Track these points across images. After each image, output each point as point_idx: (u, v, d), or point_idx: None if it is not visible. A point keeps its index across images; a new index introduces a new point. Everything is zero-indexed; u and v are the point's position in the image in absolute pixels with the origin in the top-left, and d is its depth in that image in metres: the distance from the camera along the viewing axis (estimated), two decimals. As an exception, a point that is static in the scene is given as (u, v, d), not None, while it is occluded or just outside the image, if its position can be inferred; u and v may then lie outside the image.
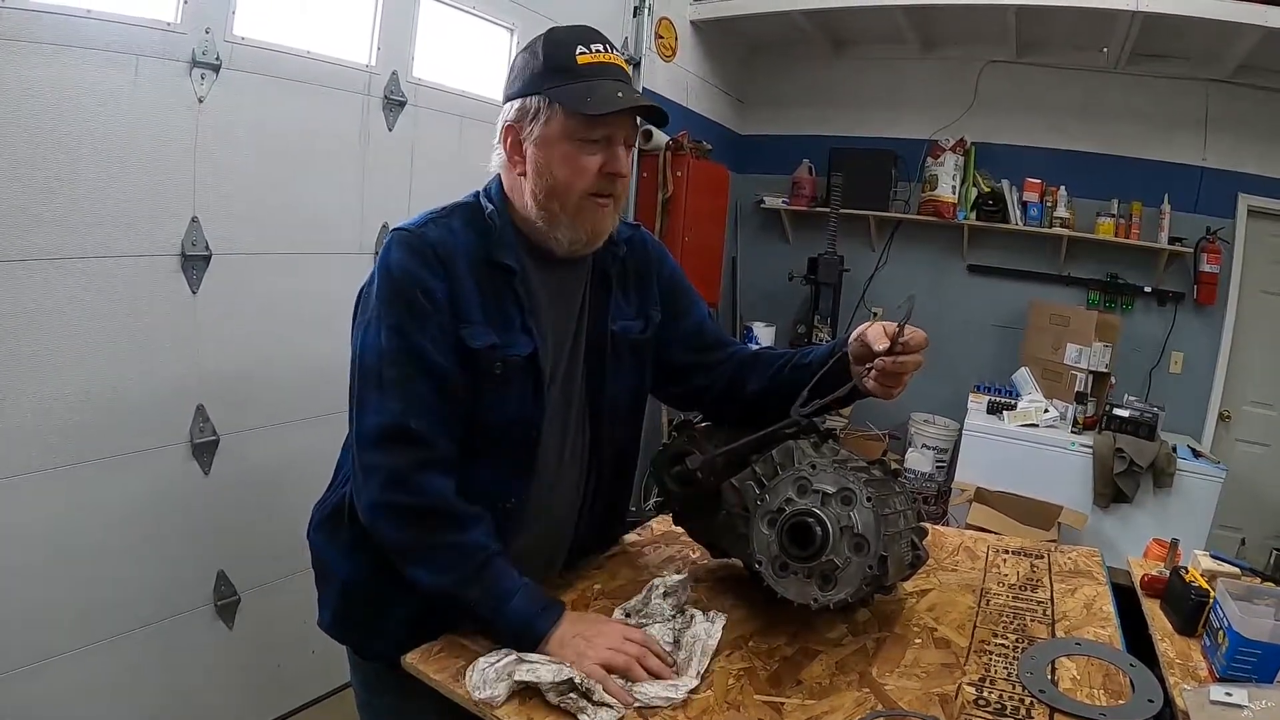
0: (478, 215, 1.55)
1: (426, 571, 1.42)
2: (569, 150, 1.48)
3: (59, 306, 2.24)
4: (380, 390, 1.42)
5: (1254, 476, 5.38)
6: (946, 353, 5.91)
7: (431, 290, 1.44)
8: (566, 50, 1.48)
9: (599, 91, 1.45)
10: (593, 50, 1.49)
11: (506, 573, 1.42)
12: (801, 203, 6.28)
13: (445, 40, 3.45)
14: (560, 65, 1.48)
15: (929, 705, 1.28)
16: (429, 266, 1.45)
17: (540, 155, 1.50)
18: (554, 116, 1.47)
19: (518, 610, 1.39)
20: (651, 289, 1.77)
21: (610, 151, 1.50)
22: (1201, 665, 1.69)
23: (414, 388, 1.42)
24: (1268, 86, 5.15)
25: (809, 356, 1.70)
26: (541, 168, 1.50)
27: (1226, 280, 5.35)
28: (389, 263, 1.46)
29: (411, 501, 1.40)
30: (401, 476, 1.40)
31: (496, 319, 1.50)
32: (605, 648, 1.33)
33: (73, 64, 2.18)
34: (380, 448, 1.42)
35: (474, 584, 1.40)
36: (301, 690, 3.12)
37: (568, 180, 1.49)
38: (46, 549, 2.28)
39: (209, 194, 2.56)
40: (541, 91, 1.48)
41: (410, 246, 1.46)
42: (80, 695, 2.39)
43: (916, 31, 5.71)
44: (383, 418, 1.41)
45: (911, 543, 1.55)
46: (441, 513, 1.41)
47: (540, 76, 1.48)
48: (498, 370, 1.49)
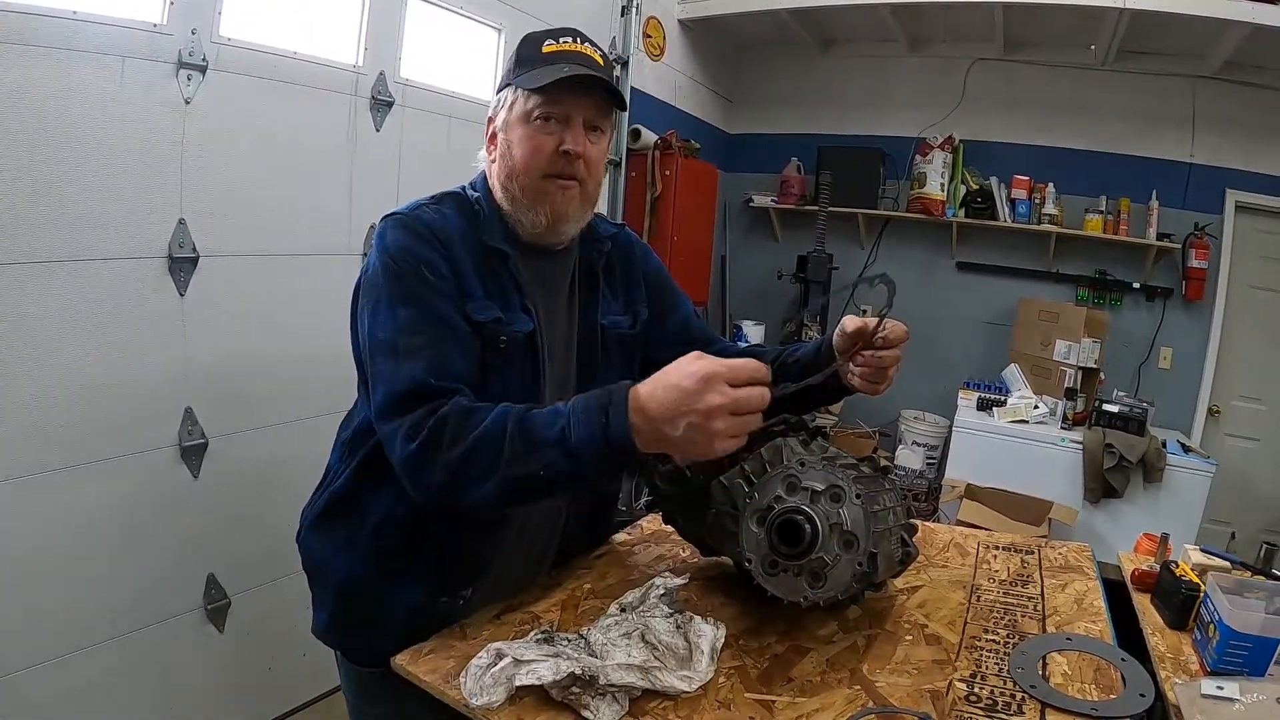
0: (466, 203, 1.59)
1: (481, 484, 1.28)
2: (526, 130, 1.52)
3: (46, 309, 2.23)
4: (395, 359, 1.38)
5: (1244, 471, 5.41)
6: (936, 350, 5.95)
7: (435, 264, 1.45)
8: (536, 44, 1.54)
9: (553, 70, 1.48)
10: (560, 41, 1.54)
11: (544, 414, 1.28)
12: (790, 201, 6.29)
13: (433, 40, 3.45)
14: (527, 56, 1.54)
15: (920, 702, 1.28)
16: (429, 244, 1.46)
17: (504, 138, 1.56)
18: (516, 100, 1.53)
19: (584, 428, 1.23)
20: (639, 287, 1.79)
21: (566, 131, 1.52)
22: (1193, 659, 1.69)
23: (436, 347, 1.40)
24: (1254, 83, 5.17)
25: (797, 353, 1.72)
26: (505, 150, 1.56)
27: (1215, 276, 5.38)
28: (388, 244, 1.46)
29: (428, 434, 1.30)
30: (419, 423, 1.32)
31: (497, 297, 1.52)
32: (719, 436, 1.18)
33: (58, 65, 2.17)
34: (399, 409, 1.35)
35: (523, 448, 1.26)
36: (292, 694, 3.12)
37: (525, 160, 1.52)
38: (35, 553, 2.27)
39: (196, 196, 2.55)
40: (512, 83, 1.54)
41: (407, 227, 1.47)
42: (70, 700, 2.38)
43: (904, 30, 5.72)
44: (399, 380, 1.36)
45: (901, 539, 1.55)
46: (457, 419, 1.31)
47: (513, 68, 1.56)
48: (502, 344, 1.49)
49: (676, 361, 1.21)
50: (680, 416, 1.17)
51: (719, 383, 1.16)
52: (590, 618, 1.50)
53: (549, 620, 1.51)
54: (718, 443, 1.18)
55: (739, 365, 1.18)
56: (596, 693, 1.21)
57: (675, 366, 1.20)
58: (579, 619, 1.52)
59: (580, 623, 1.49)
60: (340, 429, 1.67)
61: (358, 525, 1.56)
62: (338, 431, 1.68)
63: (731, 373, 1.17)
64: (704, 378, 1.16)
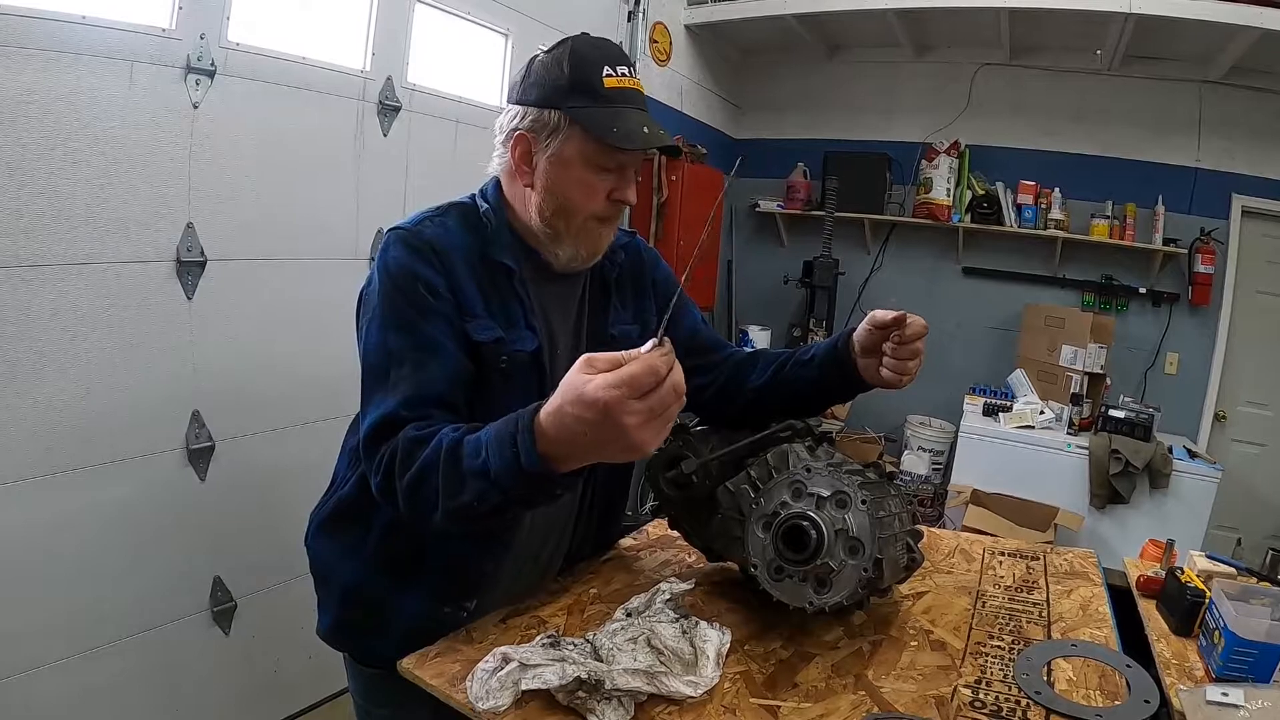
0: (472, 215, 1.55)
1: (431, 514, 1.26)
2: (584, 174, 1.47)
3: (54, 312, 2.24)
4: (384, 388, 1.38)
5: (1250, 477, 5.40)
6: (942, 355, 5.95)
7: (433, 284, 1.42)
8: (593, 69, 1.45)
9: (625, 122, 1.44)
10: (619, 74, 1.47)
11: (470, 443, 1.23)
12: (796, 206, 6.30)
13: (440, 45, 3.45)
14: (586, 84, 1.45)
15: (925, 708, 1.28)
16: (428, 262, 1.43)
17: (553, 172, 1.48)
18: (573, 137, 1.45)
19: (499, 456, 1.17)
20: (647, 295, 1.77)
21: (623, 179, 1.50)
22: (1198, 665, 1.69)
23: (418, 375, 1.38)
24: (1260, 88, 5.17)
25: (810, 353, 1.71)
26: (553, 185, 1.49)
27: (1221, 281, 5.38)
28: (387, 261, 1.44)
29: (386, 457, 1.31)
30: (382, 456, 1.33)
31: (500, 315, 1.49)
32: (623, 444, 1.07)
33: (67, 70, 2.18)
34: (374, 443, 1.36)
35: (459, 488, 1.22)
36: (299, 696, 3.12)
37: (578, 203, 1.49)
38: (42, 555, 2.28)
39: (204, 200, 2.56)
40: (564, 109, 1.45)
41: (407, 244, 1.45)
42: (77, 702, 2.39)
43: (910, 35, 5.72)
44: (382, 411, 1.36)
45: (907, 545, 1.55)
46: (404, 447, 1.29)
47: (564, 92, 1.45)
48: (503, 364, 1.48)
49: (565, 382, 1.09)
50: (595, 445, 1.10)
51: (623, 406, 1.04)
52: (596, 622, 1.50)
53: (555, 625, 1.52)
54: (649, 448, 1.09)
55: (635, 377, 1.04)
56: (602, 697, 1.22)
57: (565, 389, 1.09)
58: (585, 624, 1.53)
59: (586, 627, 1.49)
60: (347, 434, 1.67)
61: (364, 532, 1.56)
62: (345, 437, 1.68)
63: (632, 389, 1.04)
64: (604, 408, 1.04)
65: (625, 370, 1.04)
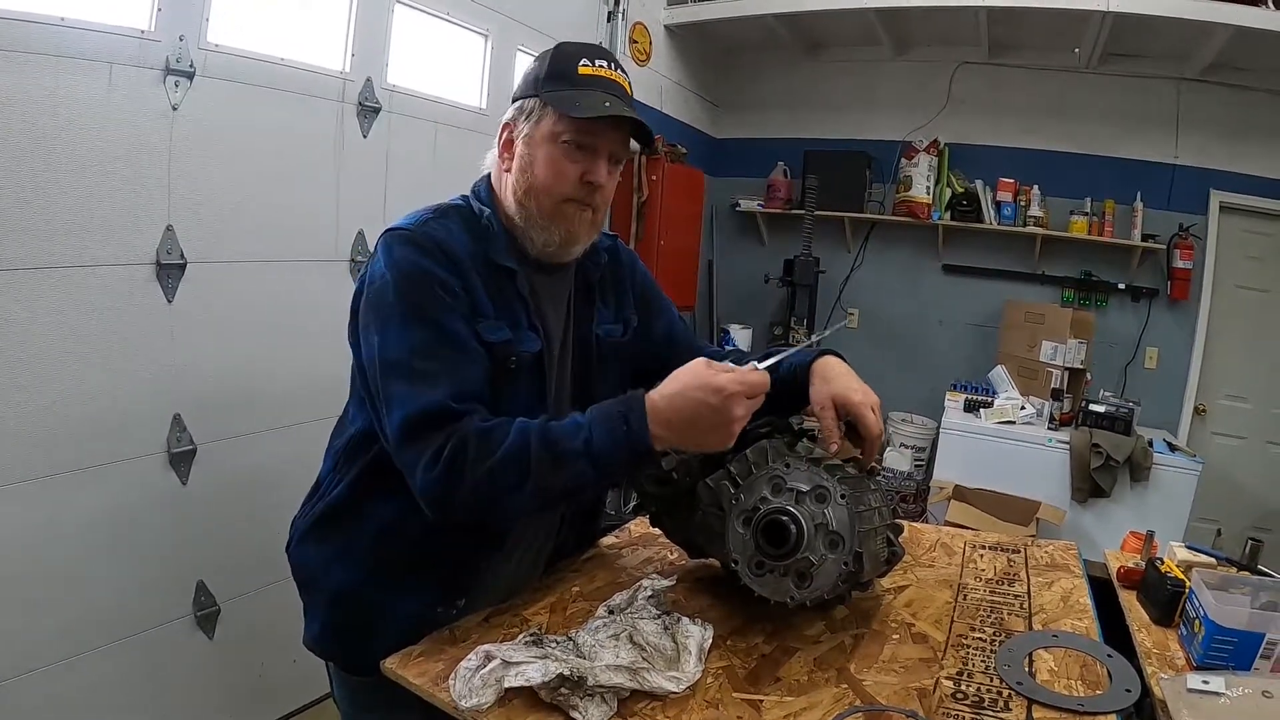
0: (472, 219, 1.55)
1: (508, 500, 1.35)
2: (553, 152, 1.51)
3: (33, 316, 2.22)
4: (410, 382, 1.37)
5: (1230, 469, 5.44)
6: (923, 352, 6.00)
7: (448, 283, 1.42)
8: (571, 61, 1.52)
9: (590, 99, 1.48)
10: (595, 65, 1.53)
11: (565, 426, 1.35)
12: (777, 205, 6.31)
13: (419, 47, 3.45)
14: (561, 72, 1.52)
15: (907, 700, 1.29)
16: (439, 262, 1.43)
17: (526, 152, 1.53)
18: (545, 117, 1.51)
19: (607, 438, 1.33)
20: (627, 295, 1.79)
21: (594, 162, 1.52)
22: (1179, 654, 1.71)
23: (452, 371, 1.39)
24: (1237, 84, 5.21)
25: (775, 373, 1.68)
26: (525, 164, 1.53)
27: (1200, 275, 5.41)
28: (397, 261, 1.43)
29: (449, 455, 1.32)
30: (440, 446, 1.33)
31: (505, 316, 1.50)
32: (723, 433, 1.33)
33: (46, 72, 2.17)
34: (419, 435, 1.35)
35: (549, 462, 1.33)
36: (283, 700, 3.11)
37: (547, 182, 1.51)
38: (22, 561, 2.26)
39: (184, 202, 2.55)
40: (539, 94, 1.52)
41: (416, 244, 1.44)
42: (59, 708, 2.37)
43: (889, 34, 5.74)
44: (416, 405, 1.35)
45: (887, 539, 1.56)
46: (476, 440, 1.33)
47: (541, 80, 1.53)
48: (511, 364, 1.49)
49: (690, 371, 1.33)
50: (701, 429, 1.32)
51: (739, 401, 1.30)
52: (579, 620, 1.51)
53: (538, 623, 1.52)
54: (732, 442, 1.35)
55: (756, 385, 1.32)
56: (585, 694, 1.22)
57: (692, 378, 1.32)
58: (567, 621, 1.53)
59: (569, 625, 1.50)
60: (332, 437, 1.66)
61: (357, 535, 1.55)
62: (329, 439, 1.67)
63: (749, 391, 1.31)
64: (728, 397, 1.29)
65: (749, 376, 1.32)
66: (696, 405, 1.30)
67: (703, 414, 1.30)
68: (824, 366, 1.62)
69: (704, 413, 1.30)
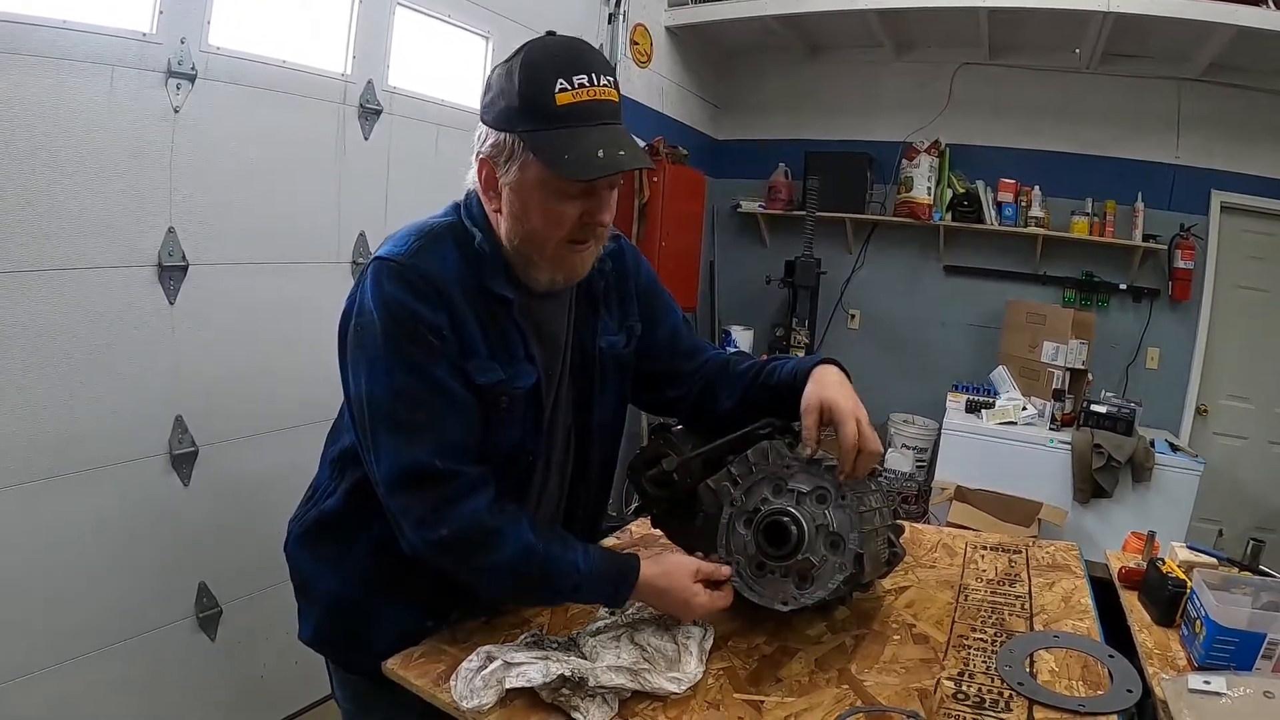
0: (466, 242, 1.44)
1: (487, 588, 1.48)
2: (547, 200, 1.37)
3: (35, 318, 2.23)
4: (396, 433, 1.35)
5: (1232, 469, 5.43)
6: (924, 353, 5.99)
7: (437, 326, 1.35)
8: (544, 85, 1.31)
9: (579, 146, 1.31)
10: (575, 85, 1.32)
11: (563, 565, 1.41)
12: (778, 206, 6.29)
13: (420, 49, 3.46)
14: (536, 104, 1.32)
15: (908, 700, 1.29)
16: (428, 301, 1.35)
17: (516, 200, 1.39)
18: (530, 164, 1.35)
19: (593, 594, 1.46)
20: (631, 301, 1.71)
21: (594, 200, 1.40)
22: (1180, 655, 1.71)
23: (437, 423, 1.36)
24: (1238, 84, 5.20)
25: (775, 377, 1.67)
26: (517, 212, 1.40)
27: (1201, 276, 5.39)
28: (386, 298, 1.35)
29: (447, 534, 1.35)
30: (432, 513, 1.35)
31: (500, 350, 1.44)
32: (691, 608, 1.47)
33: (48, 74, 2.17)
34: (406, 490, 1.36)
35: (537, 588, 1.45)
36: (285, 702, 3.11)
37: (546, 232, 1.39)
38: (24, 563, 2.27)
39: (185, 204, 2.55)
40: (515, 133, 1.35)
41: (406, 281, 1.35)
42: (60, 711, 2.37)
43: (890, 35, 5.73)
44: (402, 460, 1.35)
45: (888, 540, 1.56)
46: (478, 537, 1.36)
47: (515, 113, 1.34)
48: (504, 404, 1.45)
49: (682, 576, 1.47)
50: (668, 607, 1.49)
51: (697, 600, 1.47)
52: (579, 621, 1.51)
53: (539, 624, 1.53)
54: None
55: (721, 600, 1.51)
56: (586, 695, 1.22)
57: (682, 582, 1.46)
58: (568, 622, 1.54)
59: (569, 626, 1.50)
60: (327, 443, 1.64)
61: (350, 545, 1.54)
62: (324, 445, 1.65)
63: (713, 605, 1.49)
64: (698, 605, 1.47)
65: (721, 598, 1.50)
66: (672, 600, 1.47)
67: (675, 604, 1.47)
68: (821, 373, 1.58)
69: (676, 604, 1.47)
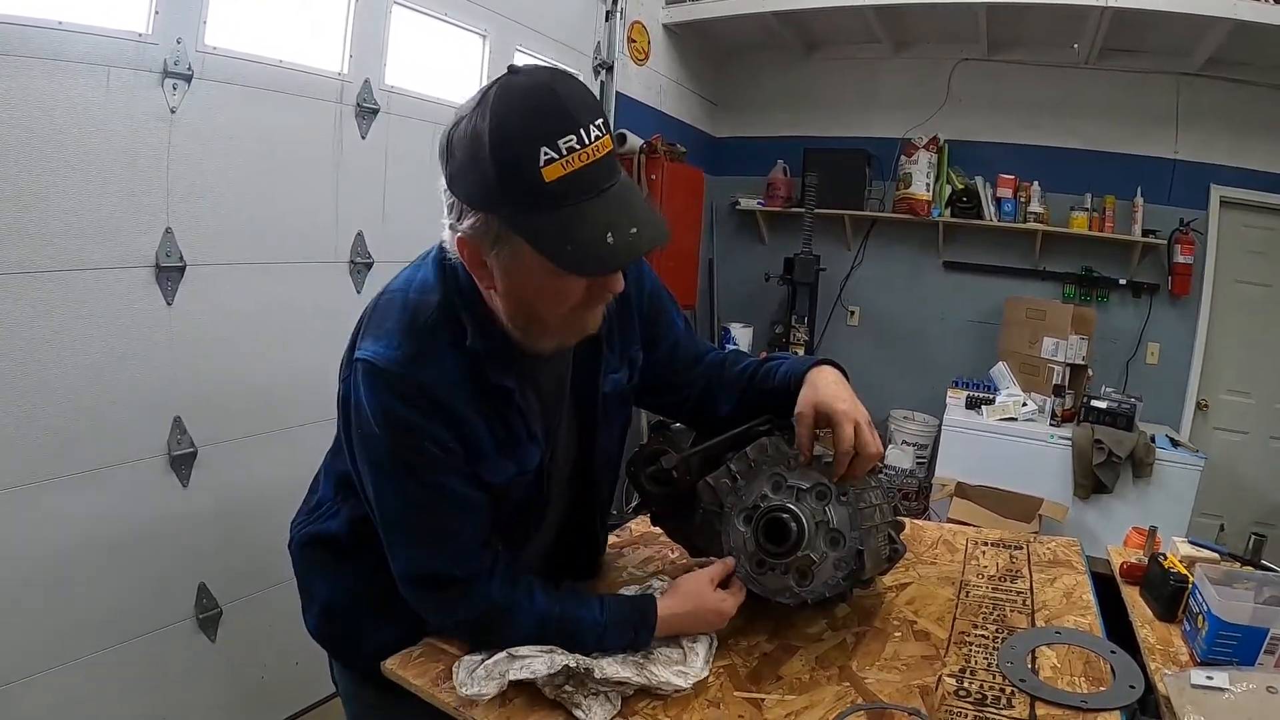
0: (459, 335, 1.31)
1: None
2: (549, 284, 1.22)
3: (33, 319, 2.22)
4: (411, 542, 1.36)
5: (1232, 464, 5.43)
6: (924, 349, 5.99)
7: (440, 439, 1.29)
8: (525, 158, 1.10)
9: (583, 231, 1.14)
10: (564, 152, 1.10)
11: (583, 624, 1.37)
12: (777, 203, 6.29)
13: (417, 48, 3.45)
14: (520, 183, 1.12)
15: (910, 697, 1.29)
16: (428, 414, 1.27)
17: (512, 284, 1.25)
18: (523, 250, 1.17)
19: (616, 641, 1.38)
20: (632, 325, 1.60)
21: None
22: (1182, 650, 1.70)
23: (452, 530, 1.34)
24: (1237, 79, 5.20)
25: (771, 380, 1.64)
26: (516, 296, 1.27)
27: (1200, 271, 5.40)
28: (384, 410, 1.27)
29: (464, 618, 1.38)
30: (450, 606, 1.37)
31: (506, 444, 1.38)
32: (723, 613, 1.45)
33: (44, 75, 2.17)
34: (422, 589, 1.38)
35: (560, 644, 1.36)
36: (285, 702, 3.10)
37: (550, 309, 1.27)
38: (23, 565, 2.26)
39: (182, 205, 2.54)
40: (499, 214, 1.16)
41: (402, 395, 1.26)
42: (60, 713, 2.37)
43: (888, 31, 5.73)
44: (420, 567, 1.36)
45: (889, 536, 1.55)
46: (495, 617, 1.36)
47: (494, 193, 1.14)
48: (514, 490, 1.43)
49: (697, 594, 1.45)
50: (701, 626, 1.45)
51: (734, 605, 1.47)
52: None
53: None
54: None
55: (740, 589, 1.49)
56: (589, 691, 1.22)
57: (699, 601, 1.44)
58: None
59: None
60: (330, 457, 1.60)
61: (352, 563, 1.53)
62: (326, 457, 1.62)
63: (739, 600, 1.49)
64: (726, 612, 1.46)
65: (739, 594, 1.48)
66: (703, 616, 1.44)
67: (707, 619, 1.45)
68: (817, 375, 1.54)
69: (708, 618, 1.45)
